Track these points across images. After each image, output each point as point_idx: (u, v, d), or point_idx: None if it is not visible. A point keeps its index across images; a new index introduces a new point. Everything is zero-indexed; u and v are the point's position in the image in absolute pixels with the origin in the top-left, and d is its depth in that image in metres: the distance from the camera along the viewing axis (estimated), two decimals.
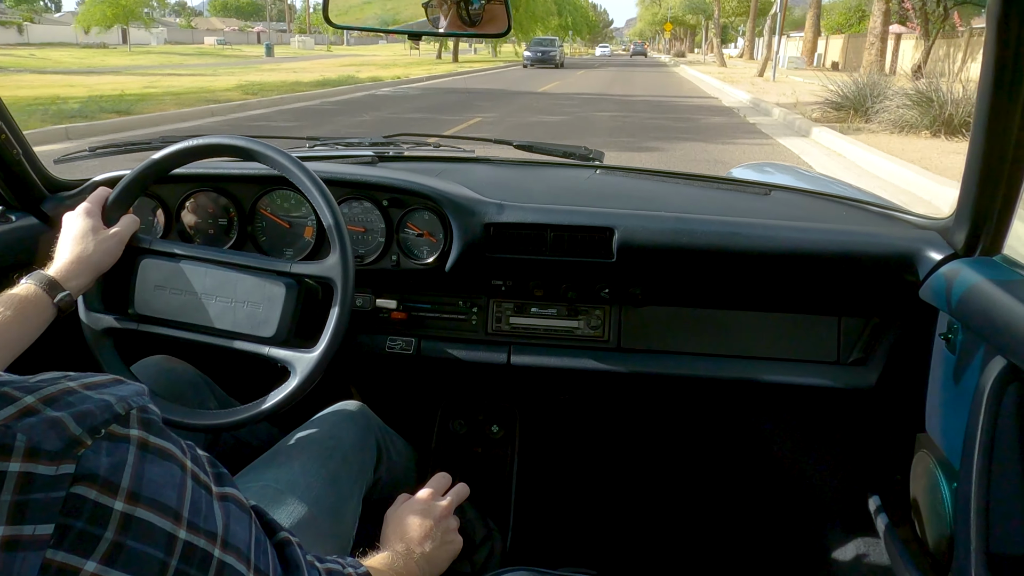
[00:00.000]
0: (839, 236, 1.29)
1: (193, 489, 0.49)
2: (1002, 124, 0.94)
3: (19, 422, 0.40)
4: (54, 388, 0.43)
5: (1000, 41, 0.88)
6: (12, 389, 0.42)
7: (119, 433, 0.44)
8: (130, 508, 0.43)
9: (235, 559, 0.51)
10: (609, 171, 1.61)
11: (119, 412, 0.45)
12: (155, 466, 0.46)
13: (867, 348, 1.37)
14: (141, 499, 0.44)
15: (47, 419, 0.41)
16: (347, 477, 1.11)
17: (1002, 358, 0.96)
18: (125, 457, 0.44)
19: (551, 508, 1.74)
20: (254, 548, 0.54)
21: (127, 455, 0.44)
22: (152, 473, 0.45)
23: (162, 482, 0.46)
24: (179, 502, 0.47)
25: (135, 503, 0.44)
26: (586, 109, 14.23)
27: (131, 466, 0.44)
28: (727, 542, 1.72)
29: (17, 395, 0.41)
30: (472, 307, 1.43)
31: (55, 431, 0.41)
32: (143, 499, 0.44)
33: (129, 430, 0.45)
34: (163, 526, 0.45)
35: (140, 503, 0.44)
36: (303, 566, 0.61)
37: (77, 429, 0.42)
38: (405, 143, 1.65)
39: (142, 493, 0.44)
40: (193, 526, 0.47)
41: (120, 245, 1.10)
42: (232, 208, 1.37)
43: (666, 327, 1.42)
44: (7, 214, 1.32)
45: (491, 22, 1.25)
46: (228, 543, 0.50)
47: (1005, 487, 0.98)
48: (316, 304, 1.16)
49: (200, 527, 0.48)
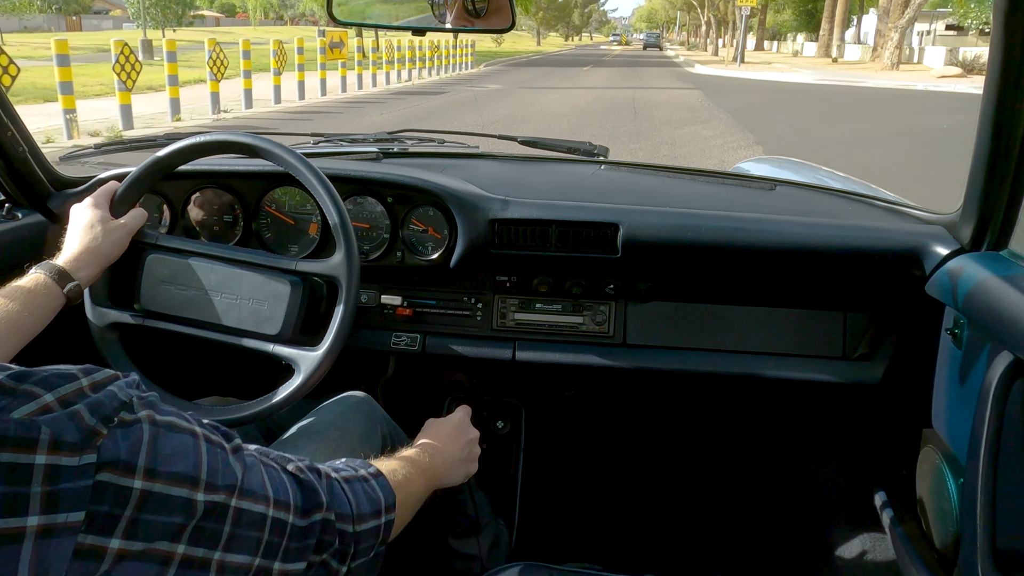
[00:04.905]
0: (844, 231, 1.28)
1: (208, 450, 0.52)
2: (1008, 118, 0.93)
3: (40, 417, 0.43)
4: (69, 389, 0.45)
5: (1007, 35, 0.88)
6: (32, 386, 0.44)
7: (129, 419, 0.47)
8: (148, 484, 0.46)
9: (251, 503, 0.55)
10: (613, 166, 1.61)
11: (124, 400, 0.48)
12: (168, 439, 0.49)
13: (873, 343, 1.36)
14: (158, 474, 0.47)
15: (68, 412, 0.44)
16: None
17: (1008, 353, 0.95)
18: (141, 436, 0.47)
19: (556, 503, 1.74)
20: (271, 485, 0.58)
21: (142, 434, 0.47)
22: (166, 447, 0.49)
23: (177, 453, 0.49)
24: (196, 468, 0.50)
25: (152, 479, 0.47)
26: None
27: (146, 443, 0.47)
28: (733, 537, 1.72)
29: (38, 392, 0.44)
30: (477, 303, 1.43)
31: (74, 423, 0.44)
32: (160, 474, 0.47)
33: (137, 413, 0.48)
34: (180, 494, 0.48)
35: (157, 478, 0.47)
36: (320, 487, 0.65)
37: (92, 420, 0.45)
38: (409, 139, 1.65)
39: (158, 468, 0.47)
40: (211, 486, 0.51)
41: (128, 236, 1.11)
42: (237, 205, 1.37)
43: (671, 323, 1.41)
44: (13, 211, 1.32)
45: (495, 16, 1.24)
46: (244, 490, 0.54)
47: (1011, 483, 0.98)
48: (321, 301, 1.17)
49: (218, 485, 0.52)
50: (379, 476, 0.79)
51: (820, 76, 22.34)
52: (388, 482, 0.79)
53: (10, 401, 0.42)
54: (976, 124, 0.99)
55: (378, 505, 0.74)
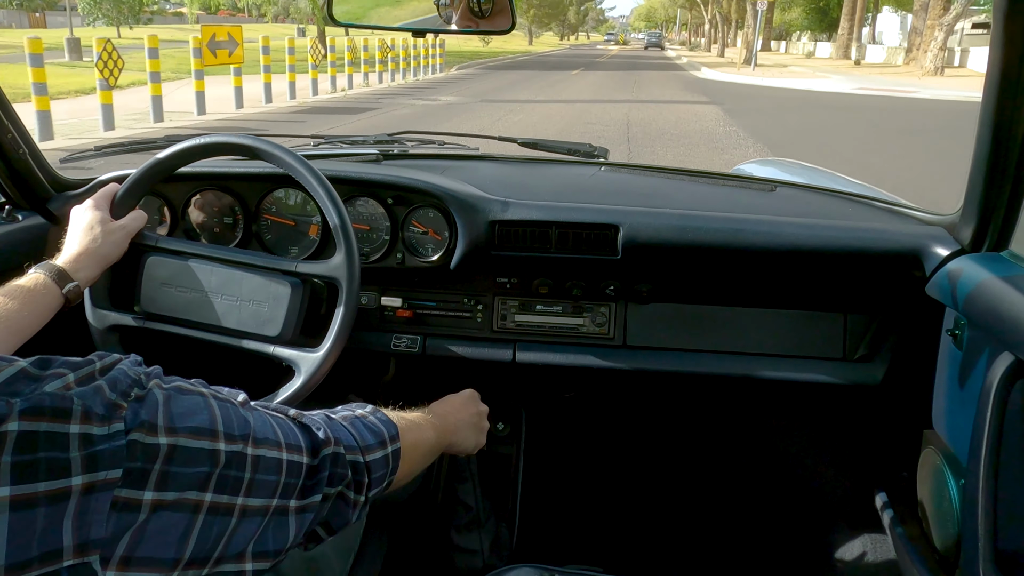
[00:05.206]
0: (845, 232, 1.28)
1: (219, 406, 0.56)
2: (1008, 119, 0.94)
3: (70, 391, 0.47)
4: (86, 371, 0.50)
5: (1007, 37, 0.88)
6: (56, 368, 0.48)
7: (142, 393, 0.51)
8: (172, 440, 0.51)
9: (267, 449, 0.59)
10: (614, 168, 1.61)
11: (134, 377, 0.52)
12: (179, 400, 0.53)
13: (873, 344, 1.36)
14: (178, 431, 0.51)
15: (92, 387, 0.48)
16: None
17: (1009, 354, 0.95)
18: (156, 401, 0.51)
19: (557, 505, 1.74)
20: (280, 431, 0.62)
21: (156, 400, 0.52)
22: (179, 407, 0.53)
23: (191, 411, 0.53)
24: (212, 421, 0.54)
25: (175, 435, 0.51)
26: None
27: (161, 405, 0.51)
28: (733, 538, 1.72)
29: (63, 371, 0.48)
30: (477, 305, 1.43)
31: (99, 396, 0.48)
32: (179, 430, 0.51)
33: (147, 385, 0.52)
34: (202, 446, 0.53)
35: (179, 434, 0.51)
36: (324, 425, 0.70)
37: (112, 395, 0.49)
38: (409, 141, 1.65)
39: (176, 425, 0.51)
40: (229, 436, 0.55)
41: (127, 238, 1.11)
42: (237, 207, 1.37)
43: (671, 324, 1.41)
44: (14, 213, 1.33)
45: (497, 17, 1.25)
46: (258, 439, 0.58)
47: (1012, 483, 0.98)
48: (321, 302, 1.17)
49: (236, 434, 0.56)
50: (376, 411, 0.81)
51: (858, 84, 18.44)
52: (387, 416, 0.82)
53: (39, 383, 0.46)
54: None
55: (381, 436, 0.77)
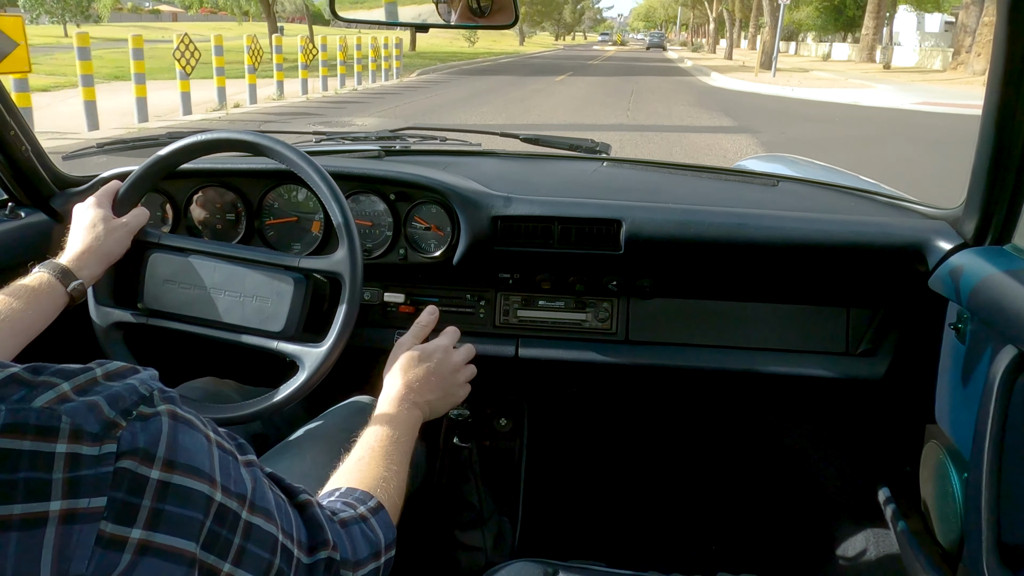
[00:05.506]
0: (848, 226, 1.28)
1: (220, 456, 0.52)
2: (1011, 113, 0.94)
3: (60, 406, 0.43)
4: (84, 379, 0.46)
5: (1010, 31, 0.88)
6: (48, 376, 0.45)
7: (148, 412, 0.47)
8: (167, 476, 0.46)
9: (263, 520, 0.54)
10: (616, 163, 1.61)
11: (144, 394, 0.48)
12: (186, 435, 0.49)
13: (876, 339, 1.36)
14: (177, 466, 0.47)
15: (86, 402, 0.44)
16: None
17: (1012, 348, 0.95)
18: (160, 428, 0.47)
19: (560, 500, 1.75)
20: (278, 512, 0.57)
21: (161, 426, 0.47)
22: (184, 441, 0.49)
23: (194, 449, 0.49)
24: (211, 467, 0.50)
25: (171, 470, 0.47)
26: None
27: (166, 435, 0.47)
28: (736, 533, 1.72)
29: (55, 381, 0.45)
30: (480, 300, 1.43)
31: (93, 414, 0.44)
32: (179, 466, 0.47)
33: (157, 407, 0.48)
34: (201, 489, 0.48)
35: (176, 469, 0.47)
36: (326, 525, 0.64)
37: (111, 412, 0.45)
38: (411, 137, 1.65)
39: (177, 460, 0.47)
40: (226, 489, 0.51)
41: (130, 235, 1.11)
42: (240, 203, 1.38)
43: (674, 319, 1.41)
44: (16, 210, 1.33)
45: (499, 13, 1.24)
46: (256, 505, 0.54)
47: (1016, 477, 0.98)
48: (324, 299, 1.17)
49: (232, 490, 0.52)
50: (379, 511, 0.77)
51: (913, 96, 14.33)
52: (388, 517, 0.77)
53: (29, 391, 0.43)
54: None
55: (377, 547, 0.73)
